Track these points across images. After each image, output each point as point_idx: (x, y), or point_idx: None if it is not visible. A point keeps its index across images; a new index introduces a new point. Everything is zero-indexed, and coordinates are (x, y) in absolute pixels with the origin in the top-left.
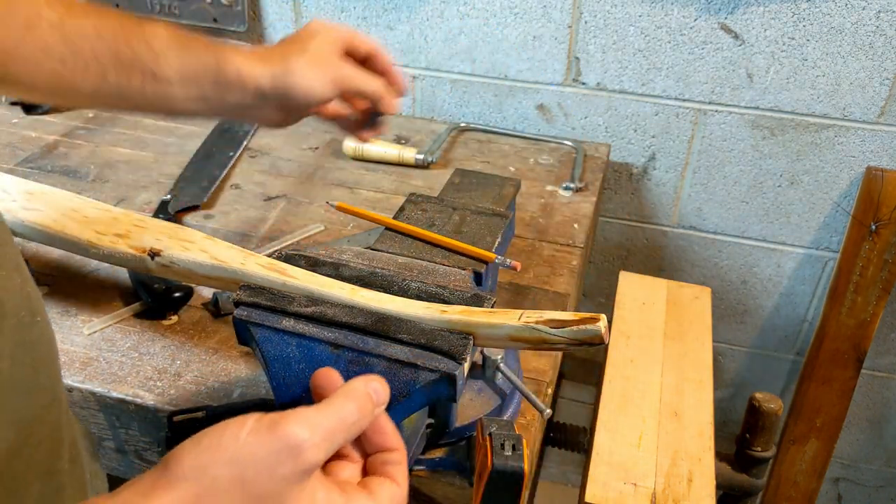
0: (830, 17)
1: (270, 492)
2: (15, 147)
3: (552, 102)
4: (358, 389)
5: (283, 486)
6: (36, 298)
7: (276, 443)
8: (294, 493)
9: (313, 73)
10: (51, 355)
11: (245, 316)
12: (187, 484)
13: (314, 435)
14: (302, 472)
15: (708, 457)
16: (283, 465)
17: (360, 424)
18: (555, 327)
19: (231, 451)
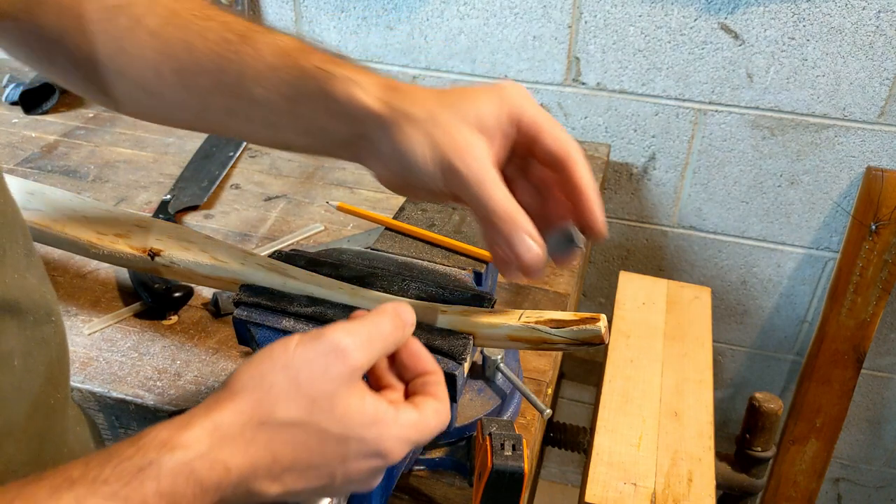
0: (830, 17)
1: (323, 392)
2: (15, 147)
3: (552, 102)
4: (387, 308)
5: (335, 385)
6: (51, 298)
7: (322, 346)
8: (345, 395)
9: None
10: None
11: (245, 316)
12: (246, 392)
13: (356, 339)
14: (350, 372)
15: (708, 457)
16: (332, 365)
17: (395, 336)
18: (555, 327)
19: (283, 359)
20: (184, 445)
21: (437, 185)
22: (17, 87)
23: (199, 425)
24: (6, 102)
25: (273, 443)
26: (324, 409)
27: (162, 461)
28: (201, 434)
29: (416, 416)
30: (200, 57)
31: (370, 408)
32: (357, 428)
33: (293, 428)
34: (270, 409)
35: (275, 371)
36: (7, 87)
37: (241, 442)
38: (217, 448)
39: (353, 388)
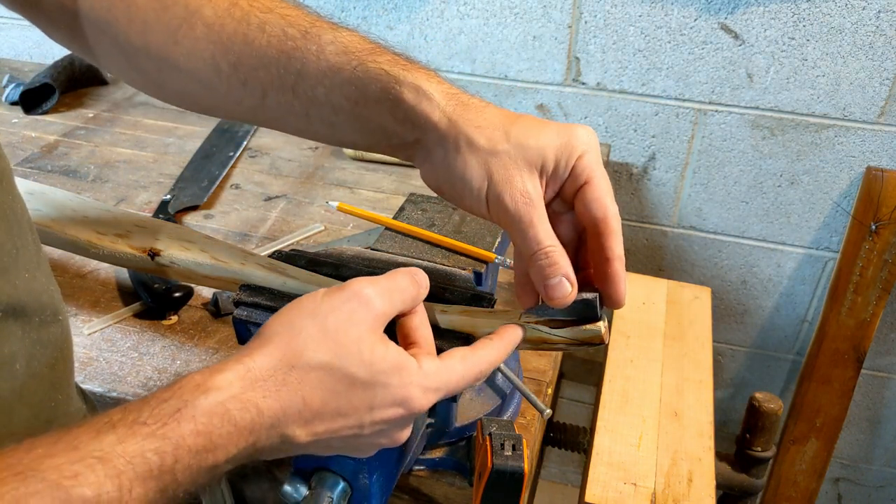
0: (830, 17)
1: (351, 335)
2: (15, 147)
3: (552, 102)
4: (401, 269)
5: (361, 329)
6: (58, 296)
7: (347, 294)
8: (369, 340)
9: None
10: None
11: (245, 316)
12: (278, 338)
13: (377, 288)
14: (373, 318)
15: (708, 457)
16: (357, 312)
17: (411, 292)
18: (555, 327)
19: (312, 308)
20: (217, 387)
21: (481, 210)
22: (17, 87)
23: (231, 369)
24: (6, 102)
25: (303, 385)
26: (351, 352)
27: (197, 402)
28: (233, 377)
29: (439, 365)
30: (260, 52)
31: (393, 355)
32: (381, 374)
33: (321, 371)
34: (300, 352)
35: (303, 318)
36: (7, 87)
37: (272, 384)
38: (249, 389)
39: (377, 335)
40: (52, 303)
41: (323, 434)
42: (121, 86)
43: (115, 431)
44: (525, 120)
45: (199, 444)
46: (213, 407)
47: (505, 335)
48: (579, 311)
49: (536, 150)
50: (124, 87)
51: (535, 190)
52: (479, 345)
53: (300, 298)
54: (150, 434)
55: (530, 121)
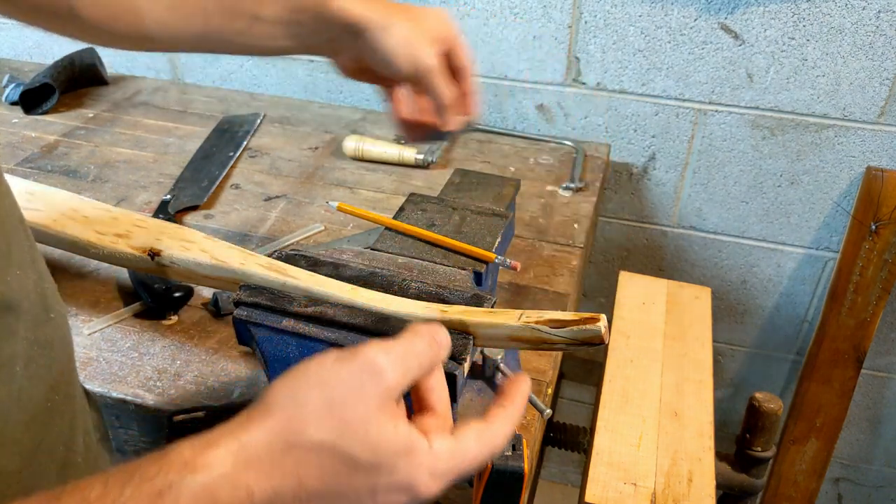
0: (830, 17)
1: (358, 413)
2: (15, 147)
3: (552, 102)
4: (421, 328)
5: (370, 406)
6: (52, 294)
7: (358, 364)
8: (379, 416)
9: (404, 43)
10: (66, 350)
11: (245, 316)
12: (279, 411)
13: (391, 357)
14: (384, 392)
15: (708, 457)
16: (368, 385)
17: (429, 356)
18: (555, 327)
19: (319, 377)
20: (206, 466)
21: (399, 75)
22: (17, 87)
23: (224, 445)
24: (6, 102)
25: (300, 466)
26: (357, 432)
27: (183, 483)
28: (225, 454)
29: (452, 446)
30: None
31: (403, 435)
32: (388, 457)
33: (322, 451)
34: (301, 428)
35: (309, 388)
36: (7, 87)
37: (266, 463)
38: (241, 469)
39: (387, 412)
40: (44, 301)
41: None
42: (121, 86)
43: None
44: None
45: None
46: (200, 490)
47: (516, 396)
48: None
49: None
50: (124, 87)
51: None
52: (493, 417)
53: (308, 363)
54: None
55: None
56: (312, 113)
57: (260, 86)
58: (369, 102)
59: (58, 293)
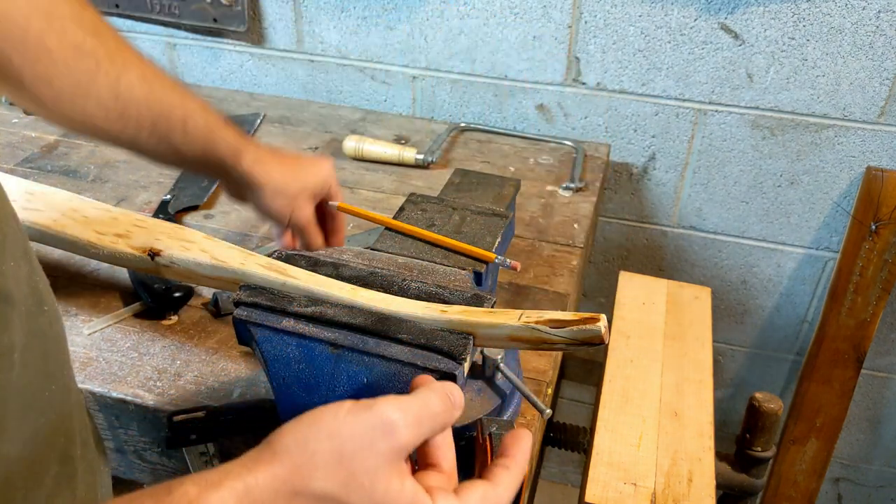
0: (830, 17)
1: (366, 468)
2: (15, 147)
3: (552, 102)
4: (436, 386)
5: (379, 462)
6: (44, 288)
7: (372, 419)
8: (387, 473)
9: (286, 204)
10: (60, 344)
11: (245, 316)
12: (288, 457)
13: (406, 416)
14: (396, 450)
15: (708, 457)
16: (379, 441)
17: (443, 417)
18: (555, 327)
19: (331, 427)
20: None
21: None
22: None
23: (229, 486)
24: (6, 102)
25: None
26: (363, 486)
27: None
28: (229, 497)
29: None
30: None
31: (409, 493)
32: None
33: (327, 502)
34: (308, 478)
35: (320, 439)
36: None
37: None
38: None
39: (395, 469)
40: (36, 293)
41: None
42: None
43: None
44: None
45: None
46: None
47: (518, 454)
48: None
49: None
50: None
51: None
52: (497, 477)
53: (322, 410)
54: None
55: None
56: (312, 113)
57: (260, 86)
58: (369, 103)
59: (49, 288)
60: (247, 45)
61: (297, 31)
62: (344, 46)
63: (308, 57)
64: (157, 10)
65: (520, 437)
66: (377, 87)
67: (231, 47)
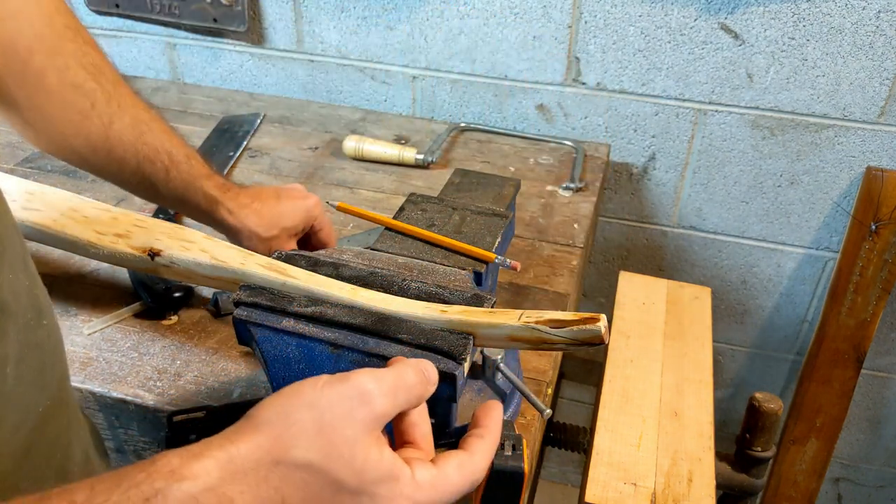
0: (830, 17)
1: (345, 437)
2: (15, 147)
3: (552, 102)
4: (411, 361)
5: (357, 431)
6: (44, 300)
7: (349, 390)
8: (365, 442)
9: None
10: (57, 357)
11: (245, 316)
12: (269, 428)
13: (381, 385)
14: (373, 419)
15: (708, 457)
16: (356, 410)
17: (419, 390)
18: (555, 327)
19: (310, 398)
20: (192, 476)
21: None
22: None
23: (212, 456)
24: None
25: (285, 484)
26: (343, 455)
27: (169, 491)
28: (212, 466)
29: (434, 476)
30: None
31: (387, 462)
32: (370, 484)
33: (307, 471)
34: (289, 447)
35: (300, 409)
36: None
37: (252, 478)
38: (227, 482)
39: (373, 438)
40: (36, 305)
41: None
42: None
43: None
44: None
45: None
46: (185, 499)
47: (491, 424)
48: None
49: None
50: None
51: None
52: (472, 446)
53: (300, 384)
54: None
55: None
56: (312, 113)
57: (260, 86)
58: (369, 102)
59: (49, 301)
60: (247, 45)
61: (297, 31)
62: (344, 46)
63: (308, 57)
64: (157, 10)
65: (491, 407)
66: (377, 87)
67: (231, 47)
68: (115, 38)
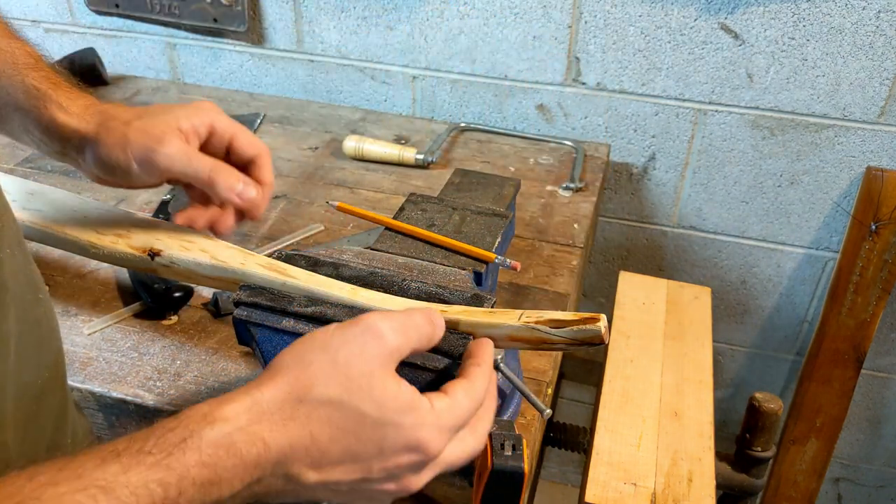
0: (830, 17)
1: (361, 371)
2: (15, 147)
3: (552, 102)
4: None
5: (373, 365)
6: (37, 276)
7: (360, 329)
8: (381, 376)
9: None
10: (53, 331)
11: (245, 316)
12: (288, 371)
13: (392, 323)
14: (387, 353)
15: (708, 457)
16: (369, 345)
17: (428, 330)
18: (555, 327)
19: (323, 340)
20: (224, 418)
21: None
22: None
23: (238, 401)
24: None
25: (311, 421)
26: (362, 387)
27: (203, 433)
28: (240, 409)
29: (449, 402)
30: None
31: (406, 394)
32: (393, 413)
33: (331, 407)
34: (309, 386)
35: (314, 351)
36: None
37: (279, 418)
38: (256, 422)
39: (389, 371)
40: (33, 282)
41: (330, 475)
42: (121, 86)
43: (120, 461)
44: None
45: (204, 476)
46: (220, 438)
47: (484, 354)
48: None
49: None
50: (124, 87)
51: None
52: (472, 374)
53: (312, 332)
54: (154, 464)
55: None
56: (312, 113)
57: (260, 86)
58: (369, 102)
59: (41, 276)
60: (247, 45)
61: (297, 31)
62: (344, 46)
63: (308, 57)
64: (157, 10)
65: (483, 342)
66: (377, 87)
67: (231, 47)
68: (115, 38)
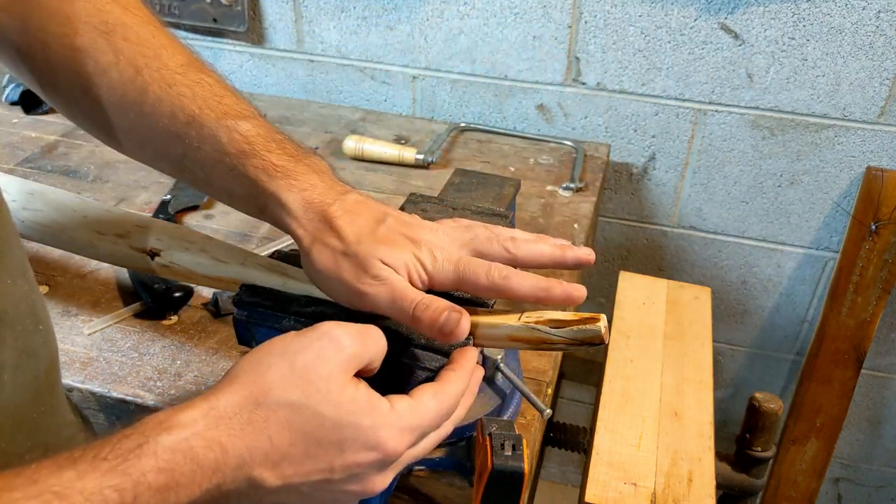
0: (830, 17)
1: (320, 374)
2: (15, 147)
3: (552, 102)
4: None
5: (331, 369)
6: (40, 305)
7: (317, 333)
8: (340, 379)
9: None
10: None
11: (245, 316)
12: (245, 376)
13: (348, 330)
14: (345, 359)
15: (708, 457)
16: (327, 350)
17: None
18: (555, 327)
19: (280, 346)
20: (180, 424)
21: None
22: (17, 87)
23: (195, 407)
24: (6, 102)
25: (269, 424)
26: (320, 390)
27: (159, 438)
28: (197, 415)
29: (411, 404)
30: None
31: (364, 395)
32: (351, 414)
33: (289, 410)
34: (267, 390)
35: (272, 356)
36: (7, 87)
37: (236, 422)
38: (213, 427)
39: (347, 375)
40: (33, 311)
41: (291, 478)
42: None
43: (76, 467)
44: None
45: (161, 481)
46: (176, 444)
47: (464, 361)
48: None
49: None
50: None
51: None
52: (445, 378)
53: (270, 340)
54: (109, 470)
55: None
56: (312, 113)
57: (260, 86)
58: (369, 102)
59: (45, 305)
60: (247, 45)
61: (297, 31)
62: (344, 46)
63: (308, 57)
64: (157, 10)
65: (466, 350)
66: (377, 87)
67: (231, 47)
68: None
